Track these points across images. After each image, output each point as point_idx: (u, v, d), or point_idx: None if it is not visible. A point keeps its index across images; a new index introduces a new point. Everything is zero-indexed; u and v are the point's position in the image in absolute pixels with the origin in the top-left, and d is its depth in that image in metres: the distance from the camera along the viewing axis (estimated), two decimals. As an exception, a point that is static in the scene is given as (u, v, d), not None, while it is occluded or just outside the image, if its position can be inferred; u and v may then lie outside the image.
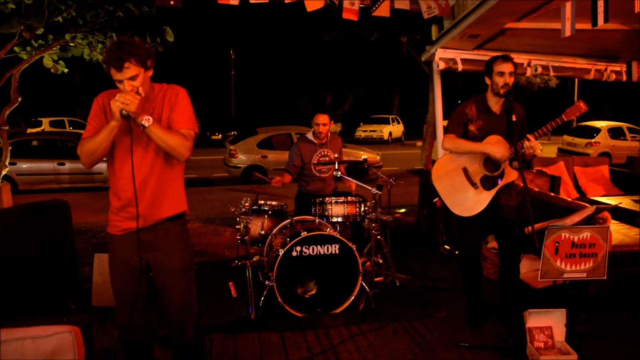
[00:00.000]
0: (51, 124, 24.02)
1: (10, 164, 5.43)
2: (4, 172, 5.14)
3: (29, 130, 21.93)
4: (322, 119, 4.98)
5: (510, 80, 3.66)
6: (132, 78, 2.49)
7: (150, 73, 2.61)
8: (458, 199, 3.81)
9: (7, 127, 5.14)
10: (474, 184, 3.77)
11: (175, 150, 2.57)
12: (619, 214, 5.24)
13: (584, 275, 3.51)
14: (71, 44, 5.04)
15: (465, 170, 3.81)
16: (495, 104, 3.80)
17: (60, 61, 5.23)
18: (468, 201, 3.78)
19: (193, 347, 2.91)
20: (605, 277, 3.52)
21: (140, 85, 2.52)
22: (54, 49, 5.01)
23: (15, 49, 4.90)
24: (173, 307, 2.80)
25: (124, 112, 2.39)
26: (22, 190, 10.87)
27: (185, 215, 2.89)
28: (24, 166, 11.20)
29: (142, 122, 2.45)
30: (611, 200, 5.80)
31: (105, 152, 2.57)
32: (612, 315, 4.08)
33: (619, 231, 4.95)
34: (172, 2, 4.59)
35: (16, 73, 5.01)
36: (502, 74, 3.66)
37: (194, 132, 2.70)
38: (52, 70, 5.18)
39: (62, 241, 4.31)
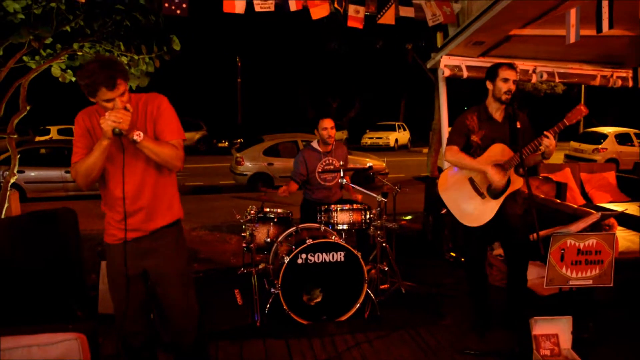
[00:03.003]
0: (59, 132, 24.22)
1: (18, 172, 5.47)
2: (12, 180, 5.18)
3: (37, 139, 22.10)
4: (328, 122, 5.01)
5: (513, 88, 3.68)
6: (122, 94, 2.49)
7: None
8: (466, 209, 3.81)
9: (15, 136, 5.17)
10: (480, 194, 3.77)
11: (167, 162, 2.59)
12: (625, 220, 5.22)
13: (590, 282, 3.50)
14: (79, 53, 5.08)
15: (471, 180, 3.81)
16: (496, 111, 3.81)
17: (68, 70, 5.26)
18: (476, 211, 3.77)
19: (196, 352, 2.91)
20: (611, 284, 3.51)
21: (127, 100, 2.52)
22: (62, 58, 5.05)
23: (24, 58, 4.94)
24: (173, 312, 2.82)
25: (116, 130, 2.40)
26: (30, 198, 10.95)
27: (181, 221, 2.90)
28: (32, 174, 11.28)
29: (134, 138, 2.46)
30: (617, 207, 5.77)
31: (100, 171, 2.58)
32: (618, 323, 4.06)
33: (625, 238, 4.93)
34: (178, 12, 4.64)
35: (25, 82, 5.05)
36: (506, 80, 3.67)
37: (182, 139, 2.71)
38: (60, 79, 5.22)
39: (69, 249, 4.33)
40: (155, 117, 2.67)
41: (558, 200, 5.34)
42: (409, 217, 8.36)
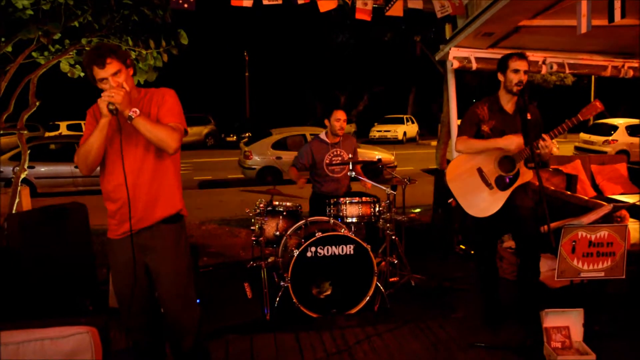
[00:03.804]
0: (68, 127, 24.38)
1: (28, 167, 5.51)
2: (22, 176, 5.22)
3: (47, 134, 22.25)
4: (341, 114, 5.07)
5: (525, 78, 3.64)
6: (115, 74, 2.57)
7: (131, 72, 2.69)
8: (473, 199, 3.78)
9: (25, 131, 5.21)
10: (489, 185, 3.74)
11: (163, 141, 2.58)
12: (637, 212, 5.17)
13: (602, 274, 3.47)
14: (87, 48, 5.10)
15: (480, 170, 3.78)
16: (508, 102, 3.77)
17: (77, 65, 5.28)
18: (483, 202, 3.75)
19: (195, 353, 2.89)
20: (623, 277, 3.48)
21: (124, 81, 2.59)
22: (71, 53, 5.06)
23: (33, 54, 4.96)
24: (171, 312, 2.81)
25: (110, 105, 2.45)
26: (40, 193, 11.03)
27: (184, 217, 2.88)
28: (42, 169, 11.37)
29: (130, 114, 2.49)
30: (629, 199, 5.72)
31: (99, 153, 2.61)
32: (630, 315, 4.02)
33: (637, 230, 4.89)
34: (186, 6, 4.63)
35: (34, 78, 5.08)
36: (517, 71, 3.63)
37: (183, 127, 2.73)
38: (68, 75, 5.24)
39: (80, 243, 4.36)
40: (160, 104, 2.73)
41: (569, 192, 5.30)
42: (418, 210, 8.34)
